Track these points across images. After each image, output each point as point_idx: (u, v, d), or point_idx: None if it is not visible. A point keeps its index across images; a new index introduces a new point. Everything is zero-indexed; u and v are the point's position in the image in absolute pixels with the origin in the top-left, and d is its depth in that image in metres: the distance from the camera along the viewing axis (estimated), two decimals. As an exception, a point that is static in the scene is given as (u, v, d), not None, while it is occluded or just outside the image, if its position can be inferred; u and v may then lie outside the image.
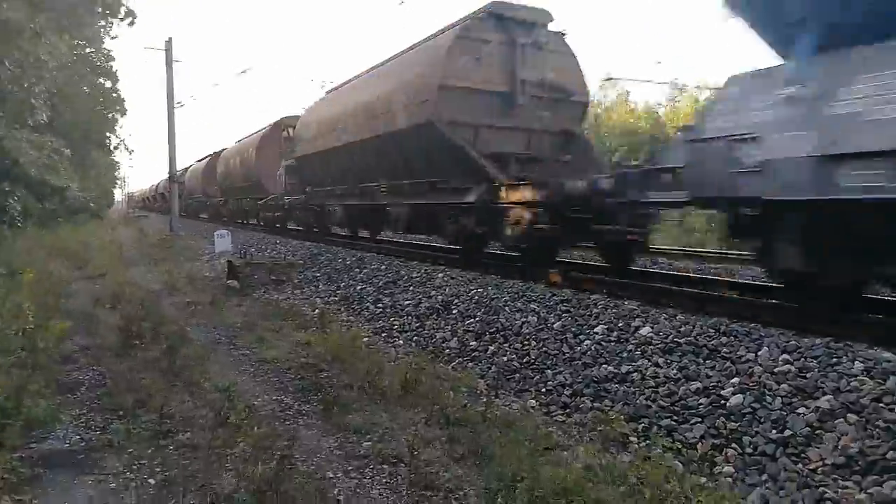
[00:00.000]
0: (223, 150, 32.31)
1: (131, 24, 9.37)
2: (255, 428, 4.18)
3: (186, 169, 42.46)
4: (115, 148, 34.81)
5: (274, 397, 5.15)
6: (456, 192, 9.87)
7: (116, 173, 54.66)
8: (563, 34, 10.71)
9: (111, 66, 29.25)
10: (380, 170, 12.46)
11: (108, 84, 29.42)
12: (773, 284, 6.47)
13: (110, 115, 30.02)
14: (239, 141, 29.29)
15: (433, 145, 10.13)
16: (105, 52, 28.36)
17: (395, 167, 11.84)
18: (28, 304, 6.57)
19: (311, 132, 16.21)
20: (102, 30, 20.68)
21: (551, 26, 10.52)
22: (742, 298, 6.45)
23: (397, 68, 11.95)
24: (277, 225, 22.70)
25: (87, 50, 26.22)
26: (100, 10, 9.76)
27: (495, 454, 3.91)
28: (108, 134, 31.81)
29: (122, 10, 9.34)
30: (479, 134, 9.82)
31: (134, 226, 34.07)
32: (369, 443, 4.22)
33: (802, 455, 3.63)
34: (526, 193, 8.56)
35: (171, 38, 25.74)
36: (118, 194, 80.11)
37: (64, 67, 11.14)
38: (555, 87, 10.30)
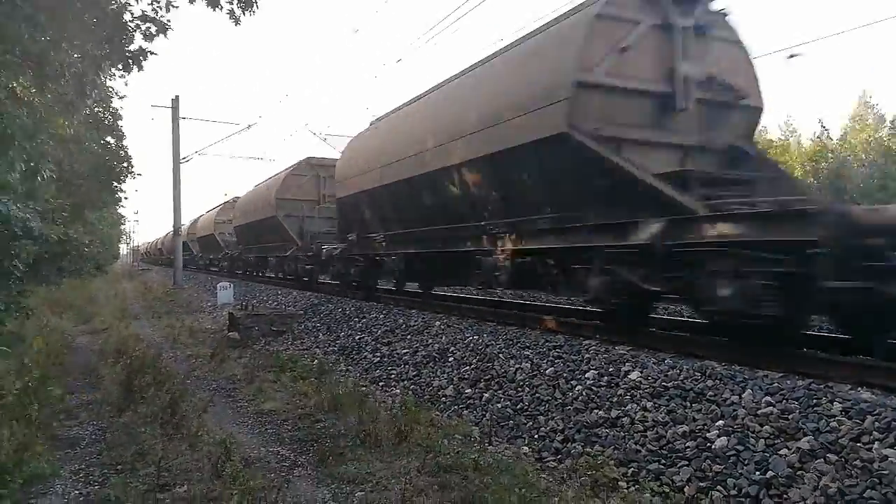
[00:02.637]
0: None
1: (140, 67, 9.53)
2: (250, 480, 4.27)
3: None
4: (124, 181, 34.02)
5: (270, 448, 5.24)
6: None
7: (122, 227, 55.31)
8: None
9: (118, 125, 29.98)
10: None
11: (114, 142, 30.09)
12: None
13: (117, 171, 30.49)
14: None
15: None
16: (113, 110, 29.13)
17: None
18: (31, 361, 6.72)
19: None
20: (112, 92, 21.37)
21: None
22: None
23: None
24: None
25: (96, 109, 26.98)
26: (112, 69, 10.09)
27: (486, 501, 3.98)
28: (115, 186, 32.09)
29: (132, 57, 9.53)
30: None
31: (138, 279, 34.37)
32: (362, 492, 4.29)
33: (784, 496, 3.71)
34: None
35: (177, 97, 26.59)
36: (123, 248, 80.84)
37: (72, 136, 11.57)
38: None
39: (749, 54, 7.95)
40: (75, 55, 8.23)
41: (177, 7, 8.62)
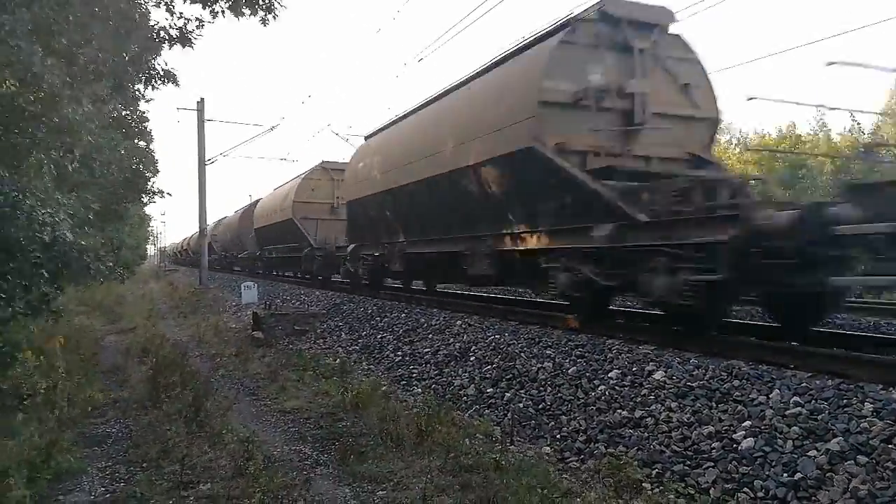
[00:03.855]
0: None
1: (174, 83, 10.28)
2: (273, 478, 4.30)
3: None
4: (152, 200, 34.47)
5: (293, 447, 5.27)
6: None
7: (149, 228, 56.18)
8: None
9: (146, 127, 30.43)
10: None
11: (143, 144, 30.53)
12: None
13: (145, 175, 30.91)
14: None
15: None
16: (140, 113, 29.58)
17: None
18: (62, 361, 6.85)
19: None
20: (140, 94, 21.76)
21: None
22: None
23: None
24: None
25: (123, 112, 27.39)
26: (142, 76, 10.52)
27: (507, 502, 3.95)
28: (143, 189, 32.49)
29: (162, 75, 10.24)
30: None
31: (165, 280, 34.87)
32: (384, 491, 4.29)
33: (813, 498, 3.62)
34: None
35: (202, 99, 26.92)
36: (150, 249, 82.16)
37: (102, 129, 11.68)
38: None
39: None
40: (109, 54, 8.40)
41: (203, 25, 9.02)
